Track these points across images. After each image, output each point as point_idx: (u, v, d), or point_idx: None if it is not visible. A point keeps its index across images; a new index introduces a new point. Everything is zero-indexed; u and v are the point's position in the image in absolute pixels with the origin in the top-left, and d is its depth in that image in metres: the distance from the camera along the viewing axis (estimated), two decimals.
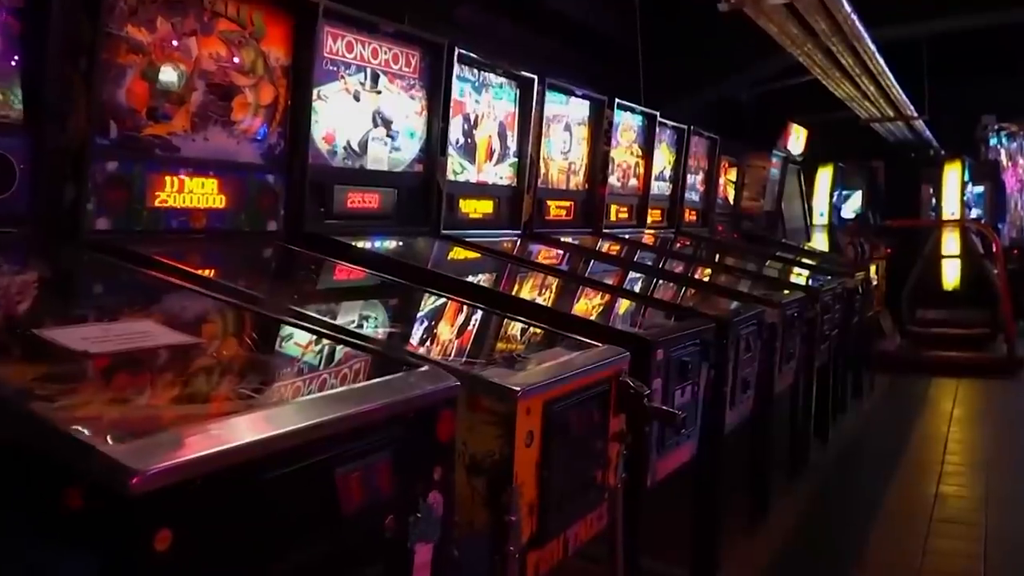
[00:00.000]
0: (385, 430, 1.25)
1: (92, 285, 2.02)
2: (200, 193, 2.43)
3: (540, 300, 2.89)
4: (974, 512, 4.04)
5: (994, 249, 8.82)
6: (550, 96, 4.12)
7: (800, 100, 8.23)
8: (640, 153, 5.19)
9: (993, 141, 11.07)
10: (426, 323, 2.35)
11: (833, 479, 4.58)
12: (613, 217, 4.93)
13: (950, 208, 9.07)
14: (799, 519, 3.95)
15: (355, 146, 2.96)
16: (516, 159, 3.90)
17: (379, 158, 3.07)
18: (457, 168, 3.51)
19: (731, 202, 7.03)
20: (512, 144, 3.86)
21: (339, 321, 1.98)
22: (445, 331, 2.28)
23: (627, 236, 4.95)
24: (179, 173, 2.36)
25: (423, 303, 2.45)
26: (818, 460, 4.74)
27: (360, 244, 2.96)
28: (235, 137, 2.51)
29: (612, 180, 4.85)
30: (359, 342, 1.61)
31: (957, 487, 4.43)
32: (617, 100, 4.67)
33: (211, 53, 2.40)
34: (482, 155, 3.66)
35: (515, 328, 2.30)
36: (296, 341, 1.65)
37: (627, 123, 4.99)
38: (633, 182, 5.15)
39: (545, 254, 3.98)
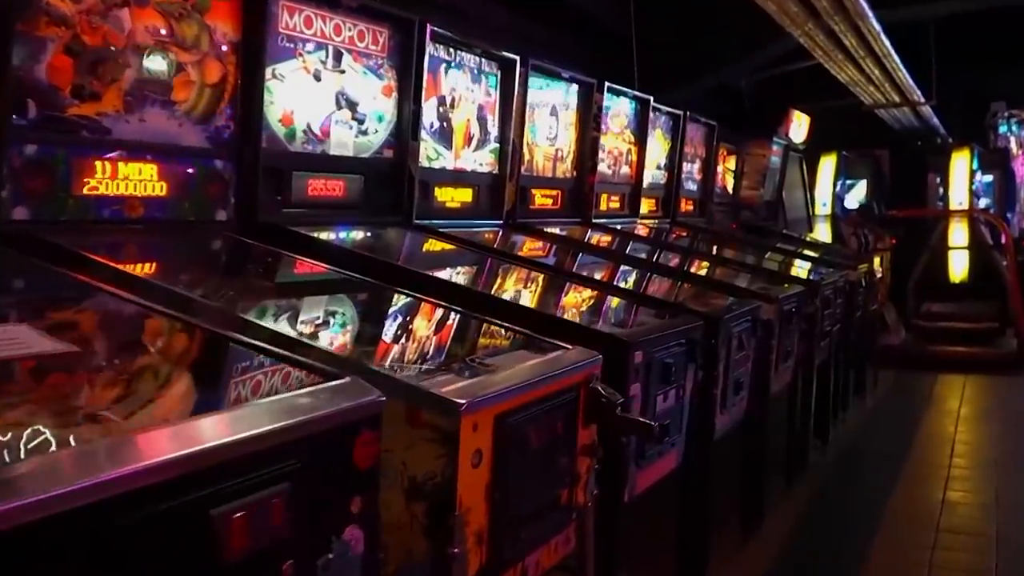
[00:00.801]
0: (281, 459, 1.04)
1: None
2: (137, 180, 2.22)
3: (517, 297, 2.68)
4: (983, 521, 3.82)
5: (1003, 240, 8.59)
6: (535, 79, 3.91)
7: (802, 86, 7.98)
8: (633, 140, 4.97)
9: (1003, 129, 10.78)
10: (382, 325, 2.13)
11: (833, 483, 4.36)
12: (603, 207, 4.71)
13: (958, 198, 8.82)
14: (796, 527, 3.74)
15: (316, 129, 2.74)
16: (497, 145, 3.68)
17: (344, 142, 2.85)
18: (432, 154, 3.29)
19: (730, 191, 6.80)
20: (493, 129, 3.65)
21: (277, 325, 1.77)
22: (402, 334, 2.06)
23: (619, 227, 4.75)
24: (111, 157, 2.14)
25: (383, 301, 2.24)
26: (818, 462, 4.53)
27: (323, 235, 2.75)
28: (176, 119, 2.29)
29: (603, 168, 4.63)
30: (282, 351, 1.39)
31: (965, 492, 4.21)
32: (607, 83, 4.44)
33: (146, 26, 2.18)
34: (459, 140, 3.45)
35: (484, 329, 2.09)
36: (212, 350, 1.43)
37: (618, 108, 4.77)
38: (625, 170, 4.93)
39: (529, 246, 3.78)
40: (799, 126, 8.01)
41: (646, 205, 5.35)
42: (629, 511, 2.24)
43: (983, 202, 9.57)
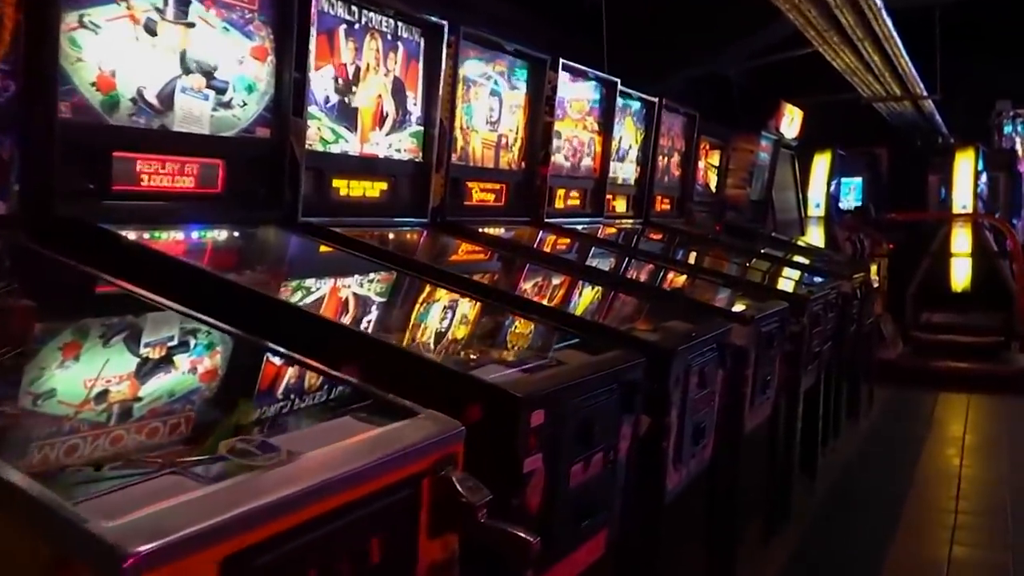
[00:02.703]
0: None
1: None
2: None
3: (392, 327, 2.04)
4: None
5: (1009, 246, 7.97)
6: (472, 51, 3.28)
7: (796, 78, 7.37)
8: (597, 128, 4.34)
9: (1008, 129, 10.20)
10: (146, 380, 1.48)
11: (820, 533, 3.72)
12: (560, 204, 4.09)
13: (962, 200, 8.18)
14: None
15: (152, 98, 2.10)
16: (421, 127, 3.05)
17: (195, 116, 2.22)
18: (328, 136, 2.66)
19: (713, 190, 6.18)
20: (414, 108, 3.01)
21: None
22: (175, 397, 1.43)
23: (580, 228, 4.13)
24: None
25: (177, 337, 1.60)
26: (804, 503, 3.89)
27: (163, 236, 2.13)
28: None
29: (559, 159, 4.01)
30: None
31: (974, 548, 3.57)
32: (563, 60, 3.81)
33: None
34: (367, 120, 2.81)
35: (306, 382, 1.45)
36: None
37: (579, 91, 4.14)
38: (587, 162, 4.30)
39: (461, 249, 3.15)
40: (791, 121, 7.39)
41: (616, 204, 4.75)
42: None
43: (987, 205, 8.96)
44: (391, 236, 2.99)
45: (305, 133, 2.51)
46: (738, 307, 3.13)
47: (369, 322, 2.01)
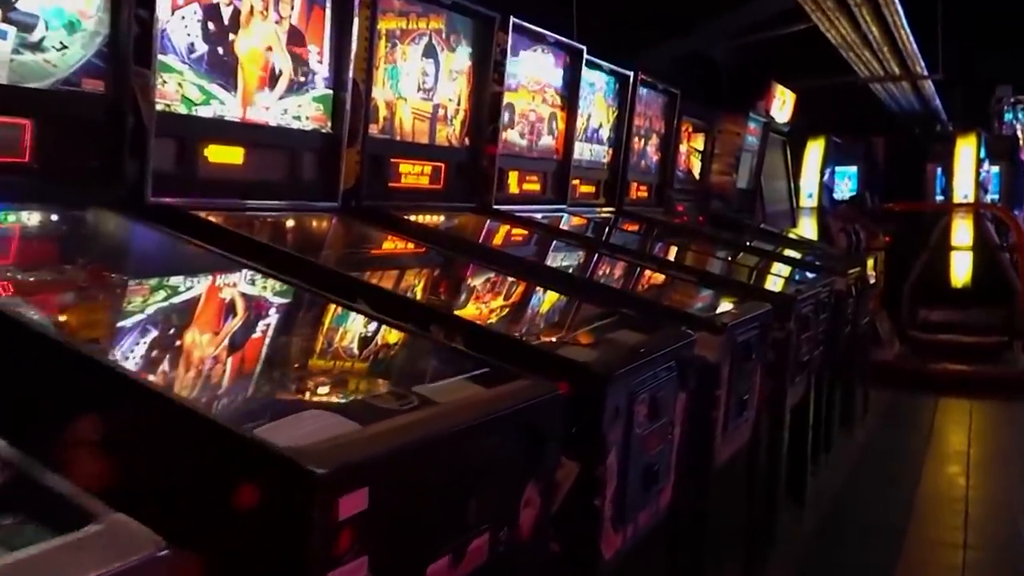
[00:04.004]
0: None
1: None
2: None
3: (222, 351, 1.50)
4: None
5: (1012, 239, 7.47)
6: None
7: (788, 59, 6.85)
8: (559, 102, 3.80)
9: (1008, 116, 9.70)
10: None
11: (809, 573, 3.20)
12: (514, 188, 3.56)
13: (963, 190, 7.66)
14: None
15: None
16: (329, 91, 2.51)
17: None
18: (195, 95, 2.12)
19: (696, 176, 5.65)
20: (320, 66, 2.47)
21: None
22: None
23: (539, 216, 3.60)
24: None
25: None
26: (790, 535, 3.37)
27: None
28: None
29: (513, 136, 3.47)
30: None
31: None
32: (514, 20, 3.26)
33: None
34: (251, 77, 2.27)
35: None
36: None
37: (537, 58, 3.59)
38: (547, 141, 3.76)
39: (390, 242, 2.62)
40: (782, 103, 6.84)
41: (582, 189, 4.22)
42: None
43: (989, 196, 8.46)
44: (290, 224, 2.47)
45: (154, 88, 1.97)
46: (712, 311, 2.61)
47: (163, 349, 1.45)
